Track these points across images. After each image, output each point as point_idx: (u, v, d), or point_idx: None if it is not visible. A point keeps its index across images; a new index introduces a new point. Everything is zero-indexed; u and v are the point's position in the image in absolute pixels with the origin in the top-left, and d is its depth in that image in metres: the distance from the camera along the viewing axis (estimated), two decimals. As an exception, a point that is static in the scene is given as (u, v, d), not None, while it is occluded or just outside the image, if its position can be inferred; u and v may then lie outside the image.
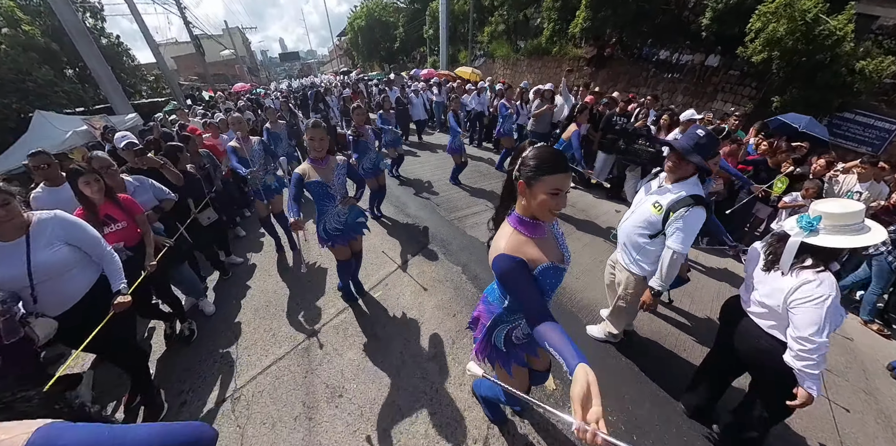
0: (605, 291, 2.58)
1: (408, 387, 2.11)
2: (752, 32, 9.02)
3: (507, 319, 1.34)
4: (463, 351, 2.38)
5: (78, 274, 1.75)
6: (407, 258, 3.53)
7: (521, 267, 1.08)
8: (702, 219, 1.80)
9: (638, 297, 2.17)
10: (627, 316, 2.40)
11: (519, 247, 1.12)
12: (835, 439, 1.99)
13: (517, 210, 1.19)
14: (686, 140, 1.85)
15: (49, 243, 1.63)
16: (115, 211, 2.17)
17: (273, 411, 2.00)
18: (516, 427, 1.88)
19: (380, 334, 2.55)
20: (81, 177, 2.01)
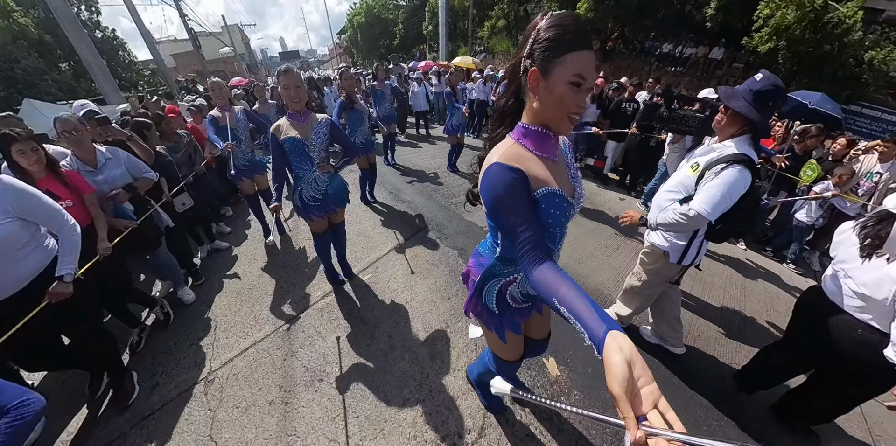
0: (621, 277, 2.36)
1: (395, 372, 1.90)
2: (759, 20, 8.84)
3: (500, 272, 1.06)
4: (458, 335, 2.18)
5: (26, 256, 1.48)
6: (400, 242, 3.34)
7: (519, 181, 0.81)
8: (743, 181, 1.44)
9: (655, 277, 1.89)
10: (639, 298, 2.04)
11: (519, 159, 0.84)
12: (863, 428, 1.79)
13: (523, 118, 0.90)
14: (744, 86, 1.49)
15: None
16: (56, 187, 1.85)
17: (247, 394, 1.80)
18: (515, 415, 1.67)
19: (367, 317, 2.34)
20: (15, 144, 1.67)
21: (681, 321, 2.02)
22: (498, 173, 0.81)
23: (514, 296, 1.07)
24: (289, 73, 1.89)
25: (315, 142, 2.06)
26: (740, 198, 1.48)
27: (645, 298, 2.05)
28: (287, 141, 2.00)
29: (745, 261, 3.54)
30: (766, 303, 2.82)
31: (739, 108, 1.45)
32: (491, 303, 1.09)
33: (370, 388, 1.80)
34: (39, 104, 7.51)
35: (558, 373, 1.92)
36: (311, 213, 2.23)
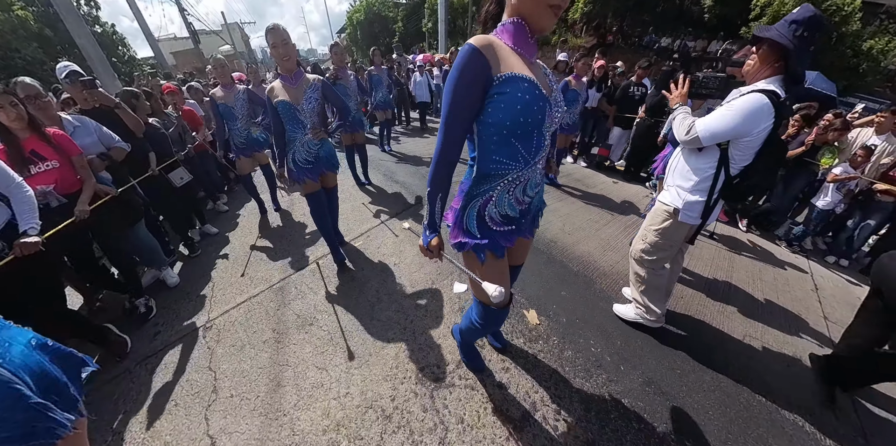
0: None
1: (381, 319, 2.01)
2: (757, 8, 8.95)
3: (477, 192, 1.06)
4: (443, 290, 2.29)
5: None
6: (391, 215, 3.46)
7: (475, 64, 0.83)
8: (759, 111, 1.32)
9: (664, 239, 1.72)
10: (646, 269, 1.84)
11: (489, 48, 0.84)
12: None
13: (504, 18, 0.92)
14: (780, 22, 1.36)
15: None
16: (42, 147, 1.82)
17: (243, 336, 1.91)
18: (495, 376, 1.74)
19: (357, 276, 2.45)
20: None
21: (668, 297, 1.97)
22: (462, 53, 0.84)
23: (493, 216, 1.07)
24: (276, 30, 1.87)
25: (306, 108, 2.08)
26: (763, 146, 1.40)
27: (651, 267, 1.83)
28: (279, 104, 2.02)
29: (736, 237, 3.62)
30: (752, 274, 2.91)
31: (772, 36, 1.32)
32: (473, 227, 1.08)
33: (356, 331, 1.91)
34: None
35: (538, 322, 2.02)
36: (304, 176, 2.26)
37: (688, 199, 1.59)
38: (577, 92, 3.83)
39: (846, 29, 8.91)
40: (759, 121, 1.33)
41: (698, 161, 1.55)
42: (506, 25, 0.91)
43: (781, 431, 1.50)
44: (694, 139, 1.47)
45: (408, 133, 7.18)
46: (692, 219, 1.60)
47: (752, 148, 1.41)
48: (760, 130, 1.36)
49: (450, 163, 0.99)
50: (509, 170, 1.00)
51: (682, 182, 1.62)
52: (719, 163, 1.48)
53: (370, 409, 1.46)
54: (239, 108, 3.14)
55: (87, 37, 9.43)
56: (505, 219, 1.08)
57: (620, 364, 1.78)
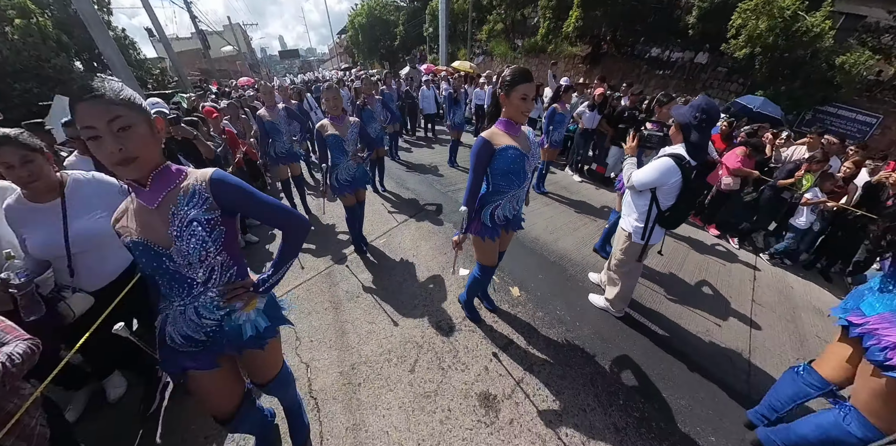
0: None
1: (408, 292, 2.84)
2: (733, 29, 9.82)
3: (491, 201, 1.87)
4: (449, 281, 3.11)
5: (120, 248, 1.57)
6: (406, 218, 4.30)
7: (484, 147, 1.69)
8: (667, 167, 1.96)
9: (625, 256, 2.34)
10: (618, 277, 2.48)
11: (493, 136, 1.72)
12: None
13: (502, 116, 1.77)
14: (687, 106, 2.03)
15: (89, 209, 1.52)
16: None
17: (308, 306, 2.72)
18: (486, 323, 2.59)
19: (385, 265, 3.28)
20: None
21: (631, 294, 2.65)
22: (478, 142, 1.73)
23: (498, 216, 1.91)
24: (329, 89, 2.76)
25: (350, 139, 2.89)
26: (681, 191, 2.00)
27: (623, 276, 2.47)
28: (329, 137, 2.83)
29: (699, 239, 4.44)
30: (700, 266, 3.73)
31: (676, 116, 2.04)
32: (486, 219, 1.92)
33: (391, 301, 2.74)
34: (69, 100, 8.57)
35: (519, 294, 2.87)
36: (344, 191, 3.06)
37: (634, 225, 2.23)
38: (563, 115, 4.70)
39: (820, 45, 9.75)
40: (668, 177, 1.98)
41: (638, 199, 2.22)
42: (502, 121, 1.79)
43: (693, 366, 2.35)
44: (631, 185, 2.19)
45: (416, 144, 8.01)
46: (639, 240, 2.22)
47: (671, 193, 2.05)
48: (673, 182, 1.99)
49: (475, 192, 1.85)
50: (508, 191, 1.87)
51: (630, 213, 2.28)
52: (651, 201, 2.12)
53: (408, 343, 2.30)
54: (282, 124, 3.94)
55: (112, 46, 10.28)
56: (503, 219, 1.96)
57: (576, 321, 2.63)
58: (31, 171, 1.37)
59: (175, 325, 1.11)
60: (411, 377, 2.07)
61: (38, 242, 1.44)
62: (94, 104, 0.82)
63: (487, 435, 1.75)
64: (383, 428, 1.77)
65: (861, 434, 1.34)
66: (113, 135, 0.84)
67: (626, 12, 12.23)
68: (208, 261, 1.03)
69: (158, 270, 1.01)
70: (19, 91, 9.21)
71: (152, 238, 0.98)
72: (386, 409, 1.87)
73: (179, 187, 0.99)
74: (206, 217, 0.99)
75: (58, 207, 1.46)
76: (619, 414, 1.92)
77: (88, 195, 1.55)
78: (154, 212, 0.98)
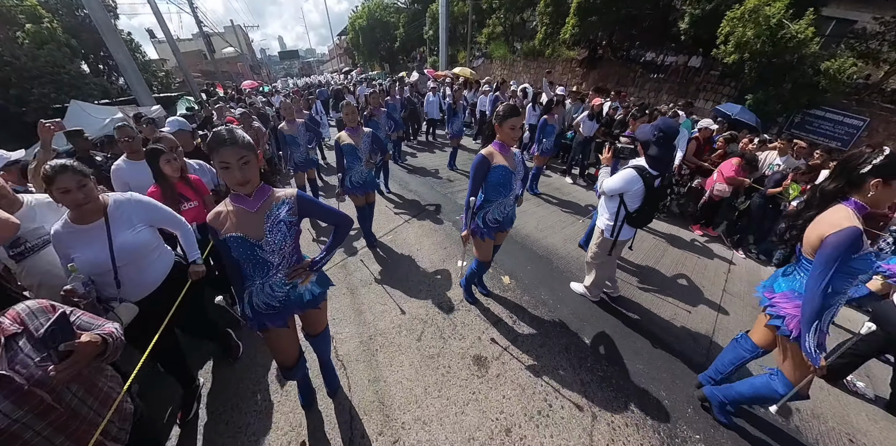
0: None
1: (413, 280, 3.33)
2: (722, 36, 10.34)
3: (483, 207, 2.40)
4: (450, 266, 3.62)
5: (157, 259, 1.85)
6: (410, 217, 4.80)
7: (482, 163, 2.19)
8: (630, 177, 2.39)
9: (599, 249, 2.79)
10: (593, 268, 2.97)
11: (490, 154, 2.22)
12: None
13: (496, 139, 2.27)
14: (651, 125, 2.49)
15: (130, 225, 1.71)
16: (187, 190, 2.40)
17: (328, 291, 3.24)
18: (483, 304, 3.08)
19: (392, 258, 3.77)
20: (163, 155, 2.28)
21: (610, 282, 3.14)
22: (477, 158, 2.22)
23: (490, 219, 2.41)
24: (348, 105, 3.27)
25: (364, 148, 3.38)
26: (645, 196, 2.42)
27: (597, 267, 2.95)
28: (346, 146, 3.31)
29: (692, 241, 4.94)
30: (677, 260, 4.23)
31: (638, 135, 2.56)
32: (480, 222, 2.43)
33: (400, 287, 3.24)
34: (85, 105, 8.93)
35: (509, 282, 3.36)
36: (356, 192, 3.56)
37: (607, 224, 2.69)
38: (553, 126, 5.19)
39: (805, 51, 10.26)
40: (632, 185, 2.41)
41: (609, 202, 2.67)
42: (496, 143, 2.29)
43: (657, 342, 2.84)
44: (602, 191, 2.63)
45: (418, 148, 8.53)
46: (609, 235, 2.68)
47: (636, 198, 2.47)
48: (636, 189, 2.42)
49: (474, 195, 2.32)
50: (497, 198, 2.36)
51: (604, 213, 2.73)
52: (619, 204, 2.55)
53: (415, 319, 2.81)
54: (301, 137, 4.48)
55: (124, 52, 10.81)
56: (495, 221, 2.44)
57: (557, 304, 3.12)
58: (86, 194, 1.56)
59: (257, 297, 1.55)
60: (418, 344, 2.57)
61: (87, 259, 1.59)
62: (232, 148, 1.27)
63: (479, 384, 2.25)
64: (398, 380, 2.27)
65: (783, 391, 1.74)
66: (239, 168, 1.30)
67: (621, 18, 12.75)
68: (283, 251, 1.49)
69: (249, 257, 1.44)
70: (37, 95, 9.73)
71: (250, 233, 1.41)
72: (399, 367, 2.37)
73: (271, 198, 1.45)
74: (289, 219, 1.47)
75: (102, 226, 1.63)
76: (586, 373, 2.41)
77: (128, 212, 1.73)
78: (254, 214, 1.42)
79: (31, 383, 1.06)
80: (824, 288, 1.51)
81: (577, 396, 2.22)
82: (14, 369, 1.05)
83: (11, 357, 1.07)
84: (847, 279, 1.54)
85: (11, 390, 1.03)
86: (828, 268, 1.50)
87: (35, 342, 1.11)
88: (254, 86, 15.55)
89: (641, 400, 2.24)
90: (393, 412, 2.06)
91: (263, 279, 1.52)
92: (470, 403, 2.13)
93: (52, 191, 1.53)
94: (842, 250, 1.47)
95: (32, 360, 1.09)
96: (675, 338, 2.86)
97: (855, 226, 1.46)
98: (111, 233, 1.63)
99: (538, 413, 2.09)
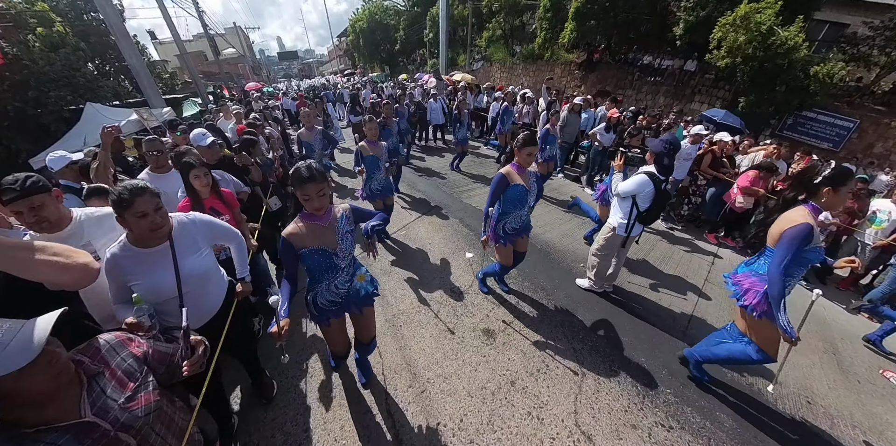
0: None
1: (427, 269, 3.81)
2: (715, 41, 10.88)
3: (501, 219, 2.77)
4: (459, 257, 4.09)
5: (216, 282, 1.79)
6: (420, 215, 5.29)
7: (502, 181, 2.57)
8: (643, 181, 2.76)
9: (606, 243, 3.16)
10: (597, 260, 3.30)
11: (509, 172, 2.59)
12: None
13: (514, 161, 2.65)
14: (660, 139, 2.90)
15: (195, 248, 1.64)
16: (218, 204, 2.36)
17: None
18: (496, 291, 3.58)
19: (405, 251, 4.26)
20: (193, 170, 2.23)
21: (615, 275, 3.47)
22: (496, 176, 2.64)
23: (507, 228, 2.80)
24: (371, 121, 3.73)
25: (383, 158, 3.84)
26: (654, 197, 2.79)
27: (600, 259, 3.30)
28: (368, 157, 3.78)
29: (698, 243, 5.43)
30: (664, 253, 4.73)
31: (650, 147, 2.92)
32: (500, 231, 2.82)
33: (416, 275, 3.72)
34: (100, 107, 9.39)
35: (513, 271, 3.86)
36: (376, 198, 4.05)
37: (619, 222, 3.05)
38: (555, 136, 5.71)
39: (795, 56, 10.81)
40: (643, 187, 2.80)
41: (622, 203, 3.03)
42: (514, 165, 2.67)
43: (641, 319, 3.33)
44: (617, 194, 3.02)
45: (425, 151, 9.06)
46: (622, 232, 3.04)
47: (646, 199, 2.85)
48: (647, 192, 2.80)
49: (488, 212, 2.78)
50: (514, 211, 2.76)
51: (617, 213, 3.09)
52: (632, 205, 2.92)
53: (431, 301, 3.30)
54: (317, 144, 4.93)
55: (137, 56, 11.34)
56: (513, 229, 2.87)
57: (554, 289, 3.61)
58: (162, 216, 1.46)
59: (322, 297, 1.85)
60: (436, 320, 3.07)
61: (151, 287, 1.49)
62: (312, 184, 1.58)
63: (488, 349, 2.75)
64: (421, 348, 2.75)
65: (758, 357, 2.10)
66: (318, 198, 1.63)
67: (619, 22, 13.31)
68: (350, 255, 1.86)
69: (326, 265, 1.76)
70: (53, 98, 10.19)
71: (326, 244, 1.73)
72: (420, 338, 2.86)
73: (335, 213, 1.77)
74: (349, 228, 1.83)
75: (167, 250, 1.52)
76: (578, 343, 2.91)
77: (193, 234, 1.66)
78: (326, 228, 1.73)
79: (117, 428, 0.99)
80: (782, 271, 1.85)
81: (569, 360, 2.72)
82: (97, 415, 0.97)
83: (94, 400, 0.98)
84: (799, 267, 1.92)
85: (96, 439, 0.94)
86: (786, 253, 1.85)
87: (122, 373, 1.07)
88: (258, 87, 16.04)
89: (624, 364, 2.73)
90: (418, 371, 2.55)
91: (330, 280, 1.82)
92: (481, 364, 2.62)
93: (126, 216, 1.40)
94: (797, 240, 1.81)
95: (116, 403, 1.01)
96: (656, 317, 3.35)
97: (808, 222, 1.81)
98: (177, 257, 1.54)
99: (537, 371, 2.58)
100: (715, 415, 2.36)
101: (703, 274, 4.34)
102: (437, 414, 2.23)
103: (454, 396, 2.36)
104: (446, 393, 2.38)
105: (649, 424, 2.25)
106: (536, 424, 2.19)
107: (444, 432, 2.13)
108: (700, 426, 2.27)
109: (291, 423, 2.21)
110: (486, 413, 2.25)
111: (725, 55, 10.91)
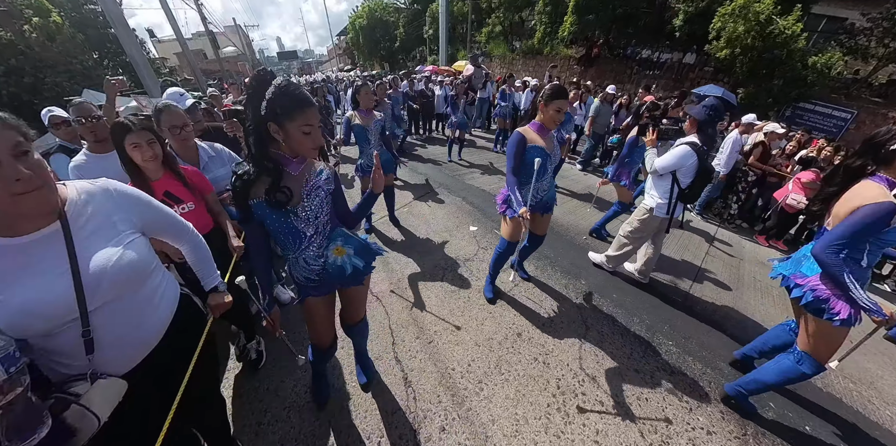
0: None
1: (432, 241, 3.87)
2: (714, 31, 10.98)
3: (521, 186, 2.26)
4: (463, 231, 4.15)
5: (154, 289, 1.11)
6: (421, 193, 5.36)
7: (520, 141, 2.15)
8: (685, 152, 2.48)
9: (641, 225, 2.88)
10: (626, 243, 3.07)
11: (527, 133, 2.19)
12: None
13: (536, 119, 2.24)
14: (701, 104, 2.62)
15: (110, 232, 1.00)
16: (177, 187, 1.68)
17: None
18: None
19: (411, 225, 4.33)
20: (129, 134, 1.51)
21: (651, 265, 3.20)
22: (515, 135, 2.20)
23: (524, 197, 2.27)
24: (365, 86, 3.41)
25: (373, 130, 3.37)
26: (696, 173, 2.52)
27: (631, 243, 3.03)
28: (355, 127, 3.33)
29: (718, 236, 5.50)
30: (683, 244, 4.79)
31: (692, 113, 2.61)
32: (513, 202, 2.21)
33: (420, 247, 3.79)
34: (97, 94, 9.47)
35: (516, 242, 3.92)
36: (368, 175, 3.85)
37: (658, 202, 2.75)
38: (569, 114, 5.69)
39: (794, 47, 10.91)
40: (686, 160, 2.53)
41: (661, 181, 2.74)
42: (535, 123, 2.27)
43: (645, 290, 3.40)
44: (654, 170, 2.70)
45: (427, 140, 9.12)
46: (662, 213, 2.76)
47: (689, 174, 2.59)
48: (690, 164, 2.53)
49: (514, 179, 2.24)
50: (529, 181, 2.19)
51: (655, 192, 2.78)
52: (672, 182, 2.65)
53: (436, 267, 3.38)
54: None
55: (136, 47, 11.44)
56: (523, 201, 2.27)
57: (558, 257, 3.68)
58: (32, 165, 0.85)
59: (296, 271, 1.49)
60: (443, 283, 3.14)
61: (24, 303, 0.83)
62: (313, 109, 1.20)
63: (494, 307, 2.83)
64: (429, 309, 2.81)
65: (810, 371, 1.74)
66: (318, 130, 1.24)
67: (618, 16, 13.43)
68: (318, 220, 1.39)
69: (283, 227, 1.34)
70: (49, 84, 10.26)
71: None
72: (427, 299, 2.92)
73: (312, 164, 1.39)
74: (328, 188, 1.40)
75: (56, 238, 0.91)
76: (582, 301, 2.98)
77: (106, 211, 1.01)
78: (294, 177, 1.31)
79: None
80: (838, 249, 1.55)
81: (573, 316, 2.79)
82: None
83: None
84: (877, 252, 1.58)
85: None
86: (852, 233, 1.51)
87: None
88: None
89: (626, 320, 2.80)
90: (425, 325, 2.62)
91: (296, 253, 1.44)
92: (487, 319, 2.69)
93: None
94: (875, 220, 1.48)
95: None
96: (657, 281, 3.44)
97: (892, 201, 1.47)
98: (75, 247, 0.92)
99: (542, 324, 2.65)
100: (716, 364, 2.43)
101: (702, 253, 4.40)
102: (445, 361, 2.30)
103: (461, 346, 2.42)
104: (453, 343, 2.45)
105: (651, 369, 2.32)
106: (542, 368, 2.26)
107: (453, 374, 2.19)
108: (701, 372, 2.34)
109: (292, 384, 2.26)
110: (493, 359, 2.32)
111: (724, 46, 11.02)
